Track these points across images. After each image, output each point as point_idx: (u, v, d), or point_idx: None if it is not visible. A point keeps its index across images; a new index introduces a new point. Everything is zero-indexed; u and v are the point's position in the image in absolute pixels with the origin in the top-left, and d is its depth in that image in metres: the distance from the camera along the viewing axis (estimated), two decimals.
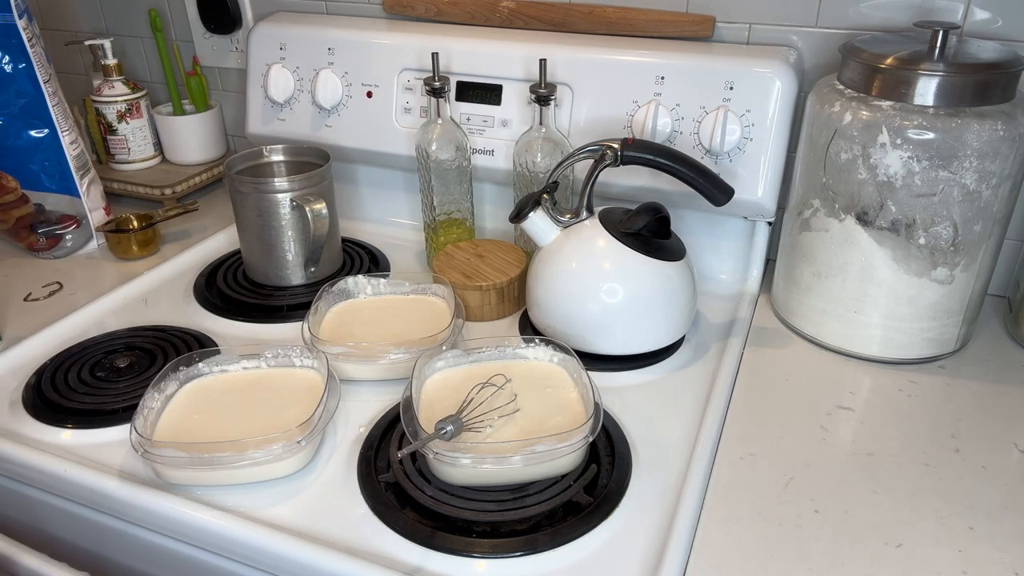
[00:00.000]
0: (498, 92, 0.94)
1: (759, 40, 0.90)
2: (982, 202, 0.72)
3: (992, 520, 0.61)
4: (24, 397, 0.76)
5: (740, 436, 0.70)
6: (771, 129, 0.83)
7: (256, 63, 1.05)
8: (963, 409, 0.74)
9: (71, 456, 0.69)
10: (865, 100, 0.73)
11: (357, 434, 0.71)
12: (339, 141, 1.02)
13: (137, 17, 1.21)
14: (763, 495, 0.64)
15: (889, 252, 0.75)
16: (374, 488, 0.64)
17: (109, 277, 0.98)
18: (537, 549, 0.58)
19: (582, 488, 0.63)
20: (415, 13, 1.02)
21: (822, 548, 0.59)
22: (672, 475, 0.65)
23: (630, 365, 0.79)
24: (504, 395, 0.67)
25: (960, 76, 0.69)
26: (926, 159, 0.70)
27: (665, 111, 0.86)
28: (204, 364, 0.73)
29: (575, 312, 0.78)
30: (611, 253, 0.77)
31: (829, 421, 0.72)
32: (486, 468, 0.61)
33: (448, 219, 0.97)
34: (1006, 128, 0.69)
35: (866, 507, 0.62)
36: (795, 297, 0.84)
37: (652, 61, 0.87)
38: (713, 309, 0.89)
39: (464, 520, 0.60)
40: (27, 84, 0.97)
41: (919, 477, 0.65)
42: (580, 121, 0.91)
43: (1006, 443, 0.69)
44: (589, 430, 0.62)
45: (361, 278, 0.87)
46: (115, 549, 0.70)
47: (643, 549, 0.59)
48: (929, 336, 0.78)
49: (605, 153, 0.77)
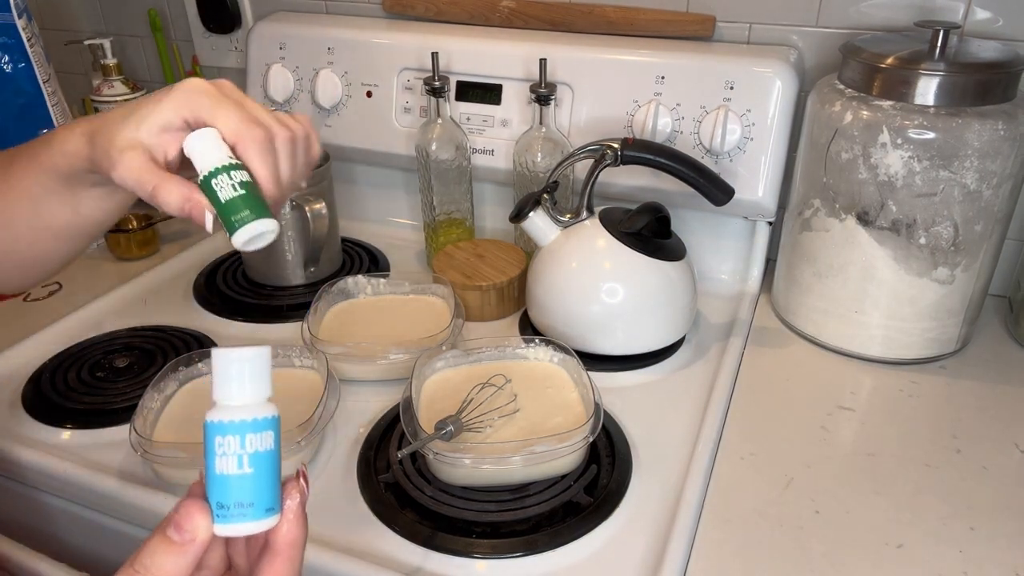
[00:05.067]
0: (498, 92, 0.94)
1: (760, 40, 0.90)
2: (983, 202, 0.72)
3: (993, 521, 0.61)
4: (24, 397, 0.76)
5: (741, 436, 0.70)
6: (771, 129, 0.83)
7: (256, 63, 1.05)
8: (964, 409, 0.74)
9: (70, 456, 0.69)
10: (866, 100, 0.72)
11: (357, 434, 0.71)
12: (339, 141, 1.02)
13: (137, 17, 1.21)
14: (764, 495, 0.64)
15: (890, 252, 0.75)
16: (374, 488, 0.64)
17: (108, 277, 0.98)
18: (537, 550, 0.58)
19: (582, 488, 0.63)
20: (415, 13, 1.01)
21: (823, 549, 0.59)
22: (672, 475, 0.65)
23: (630, 365, 0.79)
24: (504, 395, 0.67)
25: (961, 76, 0.69)
26: (927, 159, 0.70)
27: (665, 111, 0.86)
28: (204, 364, 0.73)
29: (575, 312, 0.78)
30: (611, 253, 0.77)
31: (830, 421, 0.72)
32: (486, 468, 0.61)
33: (448, 219, 0.96)
34: (1007, 128, 0.69)
35: (867, 507, 0.62)
36: (796, 297, 0.84)
37: (652, 61, 0.87)
38: (713, 309, 0.89)
39: (464, 520, 0.60)
40: (26, 84, 0.97)
41: (920, 477, 0.65)
42: (580, 121, 0.91)
43: (1007, 443, 0.69)
44: (589, 430, 0.62)
45: (361, 278, 0.87)
46: (114, 549, 0.70)
47: (643, 549, 0.59)
48: (930, 336, 0.78)
49: (605, 153, 0.77)
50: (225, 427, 0.35)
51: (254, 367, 0.36)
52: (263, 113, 0.50)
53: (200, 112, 0.48)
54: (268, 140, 0.49)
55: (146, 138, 0.48)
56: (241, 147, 0.48)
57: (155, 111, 0.48)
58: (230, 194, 0.45)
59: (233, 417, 0.35)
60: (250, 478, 0.36)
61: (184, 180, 0.47)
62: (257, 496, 0.36)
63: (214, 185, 0.46)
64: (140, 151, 0.47)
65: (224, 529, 0.36)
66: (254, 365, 0.36)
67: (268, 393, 0.37)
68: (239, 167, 0.47)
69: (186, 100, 0.48)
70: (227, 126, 0.48)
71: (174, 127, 0.48)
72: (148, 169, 0.47)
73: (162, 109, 0.48)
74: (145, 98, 0.50)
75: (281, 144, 0.50)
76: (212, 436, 0.36)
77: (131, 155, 0.47)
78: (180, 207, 0.47)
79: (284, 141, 0.50)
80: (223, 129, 0.48)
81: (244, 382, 0.36)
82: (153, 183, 0.47)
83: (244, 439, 0.36)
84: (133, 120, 0.48)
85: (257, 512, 0.36)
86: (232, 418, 0.35)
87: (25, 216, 0.55)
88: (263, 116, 0.50)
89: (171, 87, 0.49)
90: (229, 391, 0.36)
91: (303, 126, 0.53)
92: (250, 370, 0.36)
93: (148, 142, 0.48)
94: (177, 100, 0.48)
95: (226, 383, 0.36)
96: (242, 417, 0.36)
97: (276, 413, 0.37)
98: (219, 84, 0.50)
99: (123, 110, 0.50)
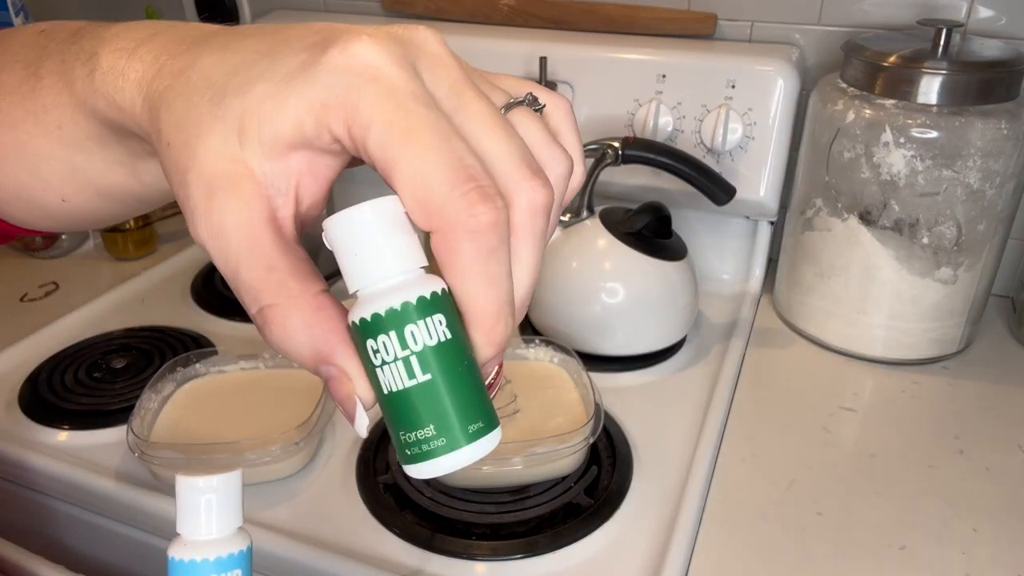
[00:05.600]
0: None
1: (761, 38, 0.89)
2: (986, 201, 0.71)
3: (996, 522, 0.61)
4: (20, 398, 0.75)
5: (742, 437, 0.70)
6: (773, 128, 0.83)
7: None
8: (967, 410, 0.73)
9: (67, 457, 0.68)
10: (868, 99, 0.72)
11: (355, 435, 0.70)
12: None
13: (134, 15, 1.20)
14: (765, 497, 0.63)
15: (892, 252, 0.74)
16: (373, 490, 0.64)
17: (106, 277, 0.97)
18: (537, 551, 0.58)
19: (583, 490, 0.62)
20: (414, 11, 1.01)
21: (825, 550, 0.58)
22: (673, 477, 0.65)
23: (631, 366, 0.79)
24: (504, 396, 0.67)
25: (963, 74, 0.69)
26: (929, 158, 0.69)
27: (666, 110, 0.86)
28: (201, 365, 0.73)
29: (575, 312, 0.78)
30: (612, 253, 0.77)
31: (832, 422, 0.72)
32: (486, 470, 0.61)
33: None
34: (1010, 127, 0.68)
35: (869, 509, 0.62)
36: (797, 297, 0.84)
37: (653, 59, 0.86)
38: (715, 309, 0.89)
39: (464, 522, 0.60)
40: None
41: (922, 478, 0.65)
42: (581, 119, 0.90)
43: (1010, 444, 0.69)
44: (590, 431, 0.61)
45: None
46: (111, 551, 0.70)
47: (644, 551, 0.58)
48: (932, 336, 0.78)
49: (606, 152, 0.76)
50: (186, 567, 0.32)
51: (221, 496, 0.33)
52: (503, 144, 0.24)
53: (368, 137, 0.23)
54: (504, 226, 0.23)
55: (261, 163, 0.24)
56: (445, 245, 0.23)
57: (276, 107, 0.23)
58: (401, 382, 0.24)
59: (195, 556, 0.33)
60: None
61: (329, 300, 0.25)
62: None
63: (371, 353, 0.24)
64: (250, 197, 0.24)
65: None
66: (221, 495, 0.33)
67: (238, 523, 0.34)
68: (436, 304, 0.24)
69: (344, 98, 0.23)
70: (422, 190, 0.23)
71: (314, 145, 0.24)
72: (257, 249, 0.24)
73: (288, 105, 0.23)
74: (268, 47, 0.25)
75: (530, 223, 0.25)
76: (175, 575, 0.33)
77: (230, 205, 0.23)
78: (313, 367, 0.25)
79: (537, 211, 0.25)
80: (412, 195, 0.23)
81: (212, 514, 0.32)
82: (265, 298, 0.24)
83: None
84: (233, 116, 0.24)
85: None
86: (194, 557, 0.33)
87: (58, 161, 0.33)
88: (500, 157, 0.24)
89: (327, 43, 0.24)
90: (196, 525, 0.33)
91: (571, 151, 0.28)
92: (218, 501, 0.32)
93: (264, 172, 0.24)
94: (323, 93, 0.23)
95: (191, 514, 0.33)
96: (204, 556, 0.33)
97: (246, 546, 0.34)
98: (433, 57, 0.26)
99: (216, 56, 0.25)
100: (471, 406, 0.25)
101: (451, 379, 0.24)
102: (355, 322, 0.24)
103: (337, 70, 0.23)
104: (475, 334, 0.24)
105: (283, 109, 0.23)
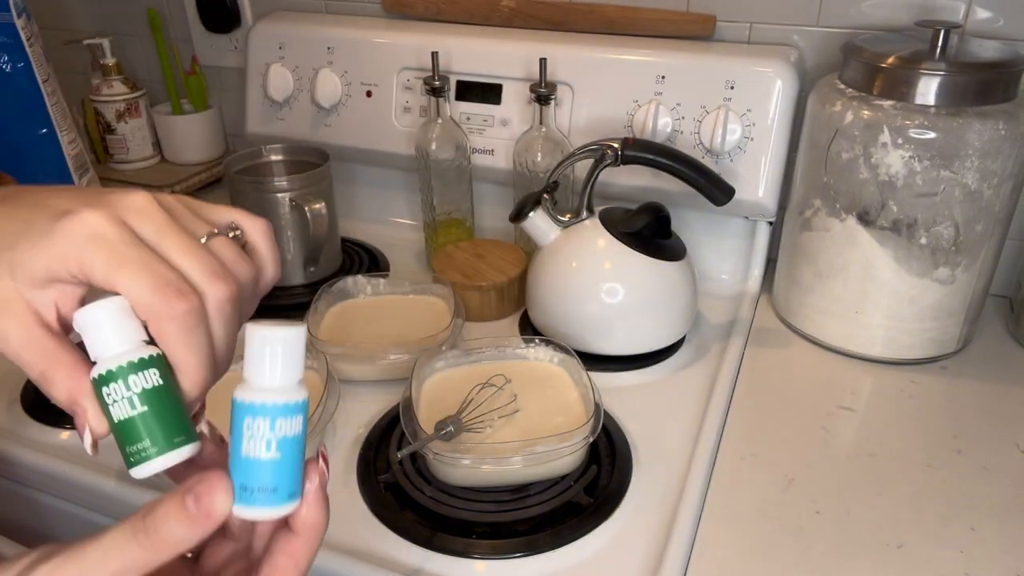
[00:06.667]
0: (498, 91, 0.94)
1: (760, 39, 0.89)
2: (984, 202, 0.72)
3: (994, 521, 0.61)
4: (23, 397, 0.76)
5: (741, 437, 0.70)
6: (772, 129, 0.83)
7: (255, 62, 1.04)
8: (965, 410, 0.73)
9: (69, 456, 0.69)
10: (866, 99, 0.72)
11: (356, 435, 0.71)
12: (338, 140, 1.02)
13: (136, 16, 1.21)
14: (764, 496, 0.63)
15: (890, 252, 0.74)
16: (373, 489, 0.64)
17: None
18: (537, 550, 0.58)
19: (582, 489, 0.62)
20: (415, 12, 1.01)
21: (823, 549, 0.58)
22: (673, 476, 0.65)
23: (631, 365, 0.79)
24: (504, 395, 0.67)
25: (961, 75, 0.69)
26: (927, 159, 0.70)
27: (666, 110, 0.86)
28: None
29: (575, 312, 0.78)
30: (611, 253, 0.77)
31: (830, 422, 0.72)
32: (486, 469, 0.61)
33: (448, 219, 0.96)
34: (1008, 127, 0.69)
35: (868, 508, 0.62)
36: (796, 297, 0.84)
37: (653, 60, 0.87)
38: (714, 309, 0.89)
39: (464, 521, 0.60)
40: (25, 84, 0.96)
41: (921, 478, 0.65)
42: (580, 120, 0.91)
43: (1008, 444, 0.69)
44: (589, 430, 0.61)
45: (360, 278, 0.87)
46: None
47: (644, 550, 0.58)
48: (931, 336, 0.78)
49: (605, 153, 0.77)
50: (255, 409, 0.34)
51: (288, 349, 0.35)
52: (193, 261, 0.35)
53: (93, 274, 0.34)
54: (197, 312, 0.35)
55: (27, 291, 0.35)
56: (156, 327, 0.34)
57: (32, 257, 0.34)
58: (126, 412, 0.34)
59: (265, 400, 0.34)
60: (277, 463, 0.35)
61: (81, 363, 0.36)
62: (281, 481, 0.35)
63: (105, 396, 0.34)
64: (21, 313, 0.35)
65: (245, 511, 0.35)
66: (289, 346, 0.35)
67: (300, 376, 0.35)
68: (149, 363, 0.34)
69: (74, 252, 0.33)
70: (135, 297, 0.34)
71: (62, 279, 0.34)
72: (32, 341, 0.35)
73: (39, 257, 0.34)
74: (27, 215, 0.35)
75: (218, 310, 0.36)
76: (241, 417, 0.34)
77: (9, 320, 0.34)
78: (69, 408, 0.35)
79: (223, 303, 0.36)
80: (131, 301, 0.34)
81: (277, 364, 0.34)
82: (40, 367, 0.35)
83: (274, 423, 0.34)
84: (5, 264, 0.34)
85: (280, 497, 0.35)
86: (263, 400, 0.34)
87: None
88: (191, 269, 0.35)
89: (66, 212, 0.34)
90: (262, 372, 0.34)
91: (253, 263, 0.39)
92: (284, 352, 0.35)
93: (30, 297, 0.35)
94: (60, 249, 0.34)
95: (259, 363, 0.34)
96: (274, 400, 0.34)
97: (306, 396, 0.36)
98: (139, 211, 0.35)
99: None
100: (175, 427, 0.35)
101: (160, 410, 0.35)
102: (95, 377, 0.35)
103: (71, 233, 0.34)
104: (183, 382, 0.36)
105: (37, 259, 0.34)
